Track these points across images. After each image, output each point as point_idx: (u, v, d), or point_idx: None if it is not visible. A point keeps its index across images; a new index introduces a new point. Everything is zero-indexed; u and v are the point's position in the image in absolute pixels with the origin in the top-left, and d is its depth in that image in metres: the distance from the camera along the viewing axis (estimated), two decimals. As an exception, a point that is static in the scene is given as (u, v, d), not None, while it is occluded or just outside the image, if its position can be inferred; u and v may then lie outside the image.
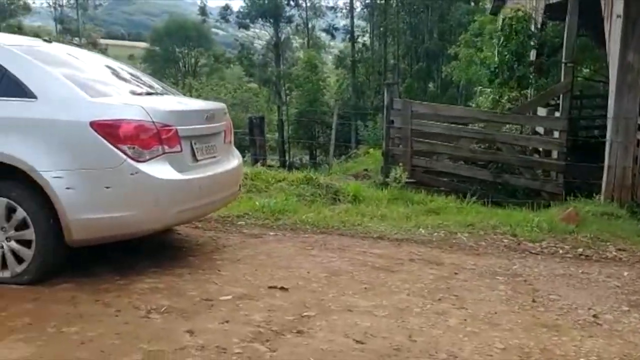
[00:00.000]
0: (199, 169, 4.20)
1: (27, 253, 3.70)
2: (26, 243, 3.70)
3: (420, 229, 5.78)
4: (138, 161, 3.72)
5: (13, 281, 3.68)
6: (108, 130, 3.68)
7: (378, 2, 37.37)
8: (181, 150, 4.02)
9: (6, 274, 3.72)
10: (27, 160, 3.63)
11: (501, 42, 11.81)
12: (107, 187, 3.68)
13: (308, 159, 33.33)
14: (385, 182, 8.70)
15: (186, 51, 46.38)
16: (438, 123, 9.56)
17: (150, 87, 4.73)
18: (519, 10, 11.75)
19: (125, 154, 3.68)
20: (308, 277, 4.22)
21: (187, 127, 4.10)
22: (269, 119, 31.66)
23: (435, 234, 5.64)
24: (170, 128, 3.92)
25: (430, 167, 9.64)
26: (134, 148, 3.71)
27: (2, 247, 3.71)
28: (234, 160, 4.82)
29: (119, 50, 48.31)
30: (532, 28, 12.13)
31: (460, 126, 9.66)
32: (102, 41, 45.88)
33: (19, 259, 3.71)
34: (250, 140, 12.69)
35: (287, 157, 31.58)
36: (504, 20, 12.42)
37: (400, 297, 3.89)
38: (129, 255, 4.33)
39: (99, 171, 3.68)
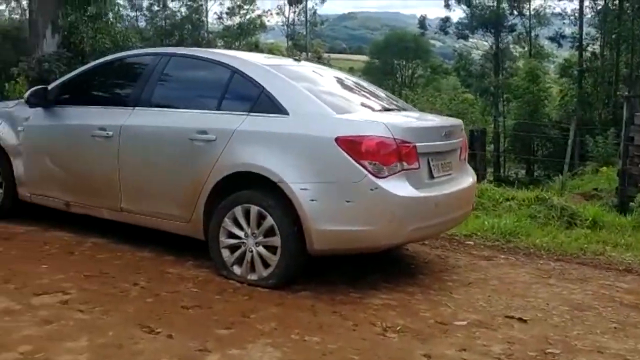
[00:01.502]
0: (435, 187, 4.13)
1: (273, 258, 3.92)
2: (272, 249, 3.93)
3: (677, 264, 5.07)
4: (378, 177, 3.75)
5: (259, 284, 3.93)
6: (351, 146, 3.76)
7: (611, 7, 34.16)
8: (419, 167, 3.98)
9: (254, 276, 3.98)
10: (278, 172, 3.86)
11: None
12: (348, 201, 3.77)
13: (524, 174, 31.66)
14: (622, 205, 7.84)
15: (404, 63, 47.11)
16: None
17: (388, 102, 4.79)
18: None
19: (366, 169, 3.74)
20: (548, 309, 3.91)
21: (426, 143, 4.05)
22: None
23: (697, 270, 4.91)
24: (410, 145, 3.91)
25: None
26: (374, 164, 3.76)
27: (252, 251, 3.99)
28: (468, 178, 4.67)
29: (339, 63, 50.73)
30: None
31: None
32: (325, 55, 48.53)
33: (265, 264, 3.96)
34: (471, 153, 12.34)
35: (501, 171, 30.34)
36: None
37: (660, 343, 3.42)
38: (360, 268, 4.41)
39: (341, 185, 3.79)
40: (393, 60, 47.49)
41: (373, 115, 4.26)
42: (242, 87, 4.26)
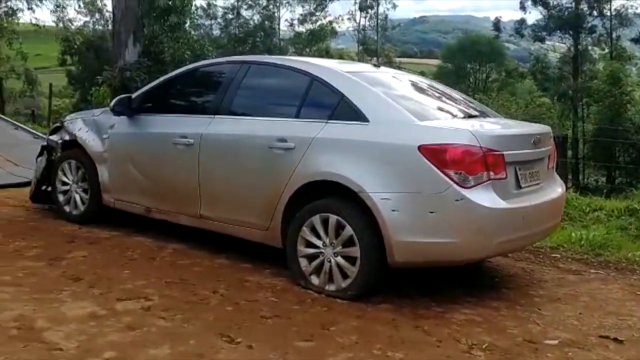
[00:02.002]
0: (523, 197, 3.93)
1: (352, 269, 3.83)
2: (351, 260, 3.84)
3: None
4: (463, 187, 3.61)
5: (338, 295, 3.84)
6: (435, 154, 3.63)
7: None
8: (506, 177, 3.80)
9: (332, 287, 3.90)
10: (357, 181, 3.78)
11: None
12: (432, 212, 3.64)
13: (604, 181, 30.23)
14: None
15: (477, 67, 46.16)
16: None
17: (471, 108, 4.62)
18: None
19: (451, 179, 3.60)
20: (645, 329, 3.65)
21: (513, 152, 3.87)
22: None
23: None
24: (497, 153, 3.74)
25: None
26: (460, 173, 3.61)
27: (330, 261, 3.91)
28: (557, 188, 4.43)
29: (411, 67, 50.29)
30: None
31: None
32: (396, 59, 48.22)
33: (344, 274, 3.86)
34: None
35: (580, 178, 29.11)
36: None
37: None
38: (441, 281, 4.26)
39: (424, 195, 3.66)
40: (466, 64, 46.65)
41: (457, 122, 4.13)
42: (321, 94, 4.20)
